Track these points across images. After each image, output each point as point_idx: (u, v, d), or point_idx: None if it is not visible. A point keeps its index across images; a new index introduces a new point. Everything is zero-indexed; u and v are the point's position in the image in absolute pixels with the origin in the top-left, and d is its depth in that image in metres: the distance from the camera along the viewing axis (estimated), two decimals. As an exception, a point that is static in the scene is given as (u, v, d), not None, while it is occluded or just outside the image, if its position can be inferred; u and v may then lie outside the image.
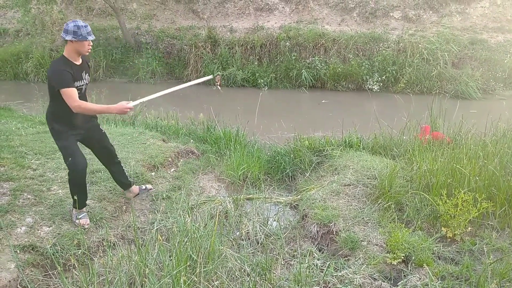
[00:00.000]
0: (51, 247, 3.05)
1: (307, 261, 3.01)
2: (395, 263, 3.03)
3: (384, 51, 11.57)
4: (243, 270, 2.92)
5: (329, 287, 2.85)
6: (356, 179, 4.39)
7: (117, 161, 3.89)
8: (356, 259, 3.13)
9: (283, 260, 3.27)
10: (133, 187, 4.09)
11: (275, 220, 3.96)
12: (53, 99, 3.28)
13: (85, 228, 3.43)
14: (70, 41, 3.16)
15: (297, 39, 12.37)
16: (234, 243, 3.49)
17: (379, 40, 11.93)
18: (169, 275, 2.54)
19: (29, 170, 4.25)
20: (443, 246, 3.29)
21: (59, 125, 3.34)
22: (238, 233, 3.68)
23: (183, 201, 4.03)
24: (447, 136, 5.16)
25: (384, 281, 2.90)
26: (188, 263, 2.68)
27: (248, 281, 2.76)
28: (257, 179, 5.02)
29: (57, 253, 3.03)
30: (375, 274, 2.97)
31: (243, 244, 3.45)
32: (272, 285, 2.81)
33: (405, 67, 11.26)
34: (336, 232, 3.50)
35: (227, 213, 3.98)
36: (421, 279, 2.87)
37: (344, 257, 3.22)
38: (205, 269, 2.74)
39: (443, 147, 4.69)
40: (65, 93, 3.11)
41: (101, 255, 3.05)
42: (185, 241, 2.93)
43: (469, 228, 3.40)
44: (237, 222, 3.85)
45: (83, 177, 3.42)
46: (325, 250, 3.49)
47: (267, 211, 4.09)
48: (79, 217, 3.46)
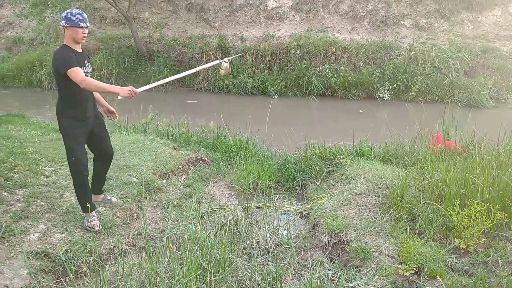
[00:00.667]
0: (63, 253, 3.07)
1: (318, 272, 2.99)
2: (408, 275, 2.99)
3: (395, 59, 11.53)
4: (253, 279, 2.92)
5: (340, 298, 2.83)
6: (367, 188, 4.36)
7: (108, 164, 3.86)
8: (367, 270, 3.10)
9: (294, 270, 3.26)
10: (101, 195, 4.00)
11: (285, 229, 3.94)
12: (62, 89, 3.32)
13: (95, 229, 3.45)
14: (65, 27, 3.24)
15: (307, 48, 12.39)
16: (244, 252, 3.49)
17: (390, 48, 11.90)
18: (180, 283, 2.54)
19: (42, 177, 4.30)
20: (456, 257, 3.24)
21: (69, 121, 3.36)
22: (248, 242, 3.67)
23: (194, 209, 4.05)
24: (459, 145, 5.11)
25: (396, 293, 2.87)
26: (198, 272, 2.67)
27: (258, 290, 2.75)
28: (267, 187, 5.01)
29: (69, 260, 3.05)
30: (387, 285, 2.93)
31: (253, 253, 3.45)
32: (282, 295, 2.80)
33: (416, 75, 11.19)
34: (347, 242, 3.47)
35: (237, 222, 3.98)
36: (434, 291, 2.83)
37: (355, 268, 3.19)
38: (215, 278, 2.74)
39: (456, 157, 4.64)
40: (71, 72, 3.13)
41: (113, 262, 3.06)
42: (196, 250, 2.94)
43: (483, 239, 3.35)
44: (248, 230, 3.85)
45: (84, 177, 3.44)
46: (336, 260, 3.46)
47: (277, 219, 4.09)
48: (90, 220, 3.50)
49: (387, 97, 11.17)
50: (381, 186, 4.39)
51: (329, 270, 3.24)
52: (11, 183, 3.99)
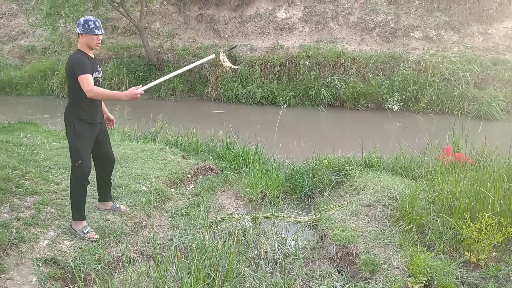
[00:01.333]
0: (72, 261, 3.09)
1: (326, 283, 2.97)
2: (417, 288, 2.96)
3: (404, 71, 11.52)
4: (261, 290, 2.90)
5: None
6: (376, 200, 4.33)
7: (109, 170, 3.88)
8: (376, 282, 3.07)
9: (302, 281, 3.23)
10: (109, 202, 4.00)
11: (293, 239, 3.92)
12: (75, 91, 3.36)
13: (96, 239, 3.43)
14: (80, 34, 3.36)
15: (316, 58, 12.44)
16: (252, 262, 3.47)
17: (399, 59, 11.90)
18: (188, 293, 2.54)
19: (52, 184, 4.34)
20: (466, 271, 3.19)
21: (81, 123, 3.40)
22: (256, 252, 3.66)
23: (202, 218, 4.05)
24: (469, 157, 5.07)
25: (405, 306, 2.83)
26: (206, 282, 2.67)
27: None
28: (275, 197, 5.00)
29: (78, 267, 3.06)
30: (396, 298, 2.90)
31: (261, 263, 3.43)
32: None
33: (426, 87, 11.17)
34: (355, 253, 3.45)
35: (245, 231, 3.96)
36: (444, 305, 2.79)
37: (364, 280, 3.16)
38: (223, 288, 2.73)
39: (466, 169, 4.60)
40: (83, 78, 3.24)
41: (121, 270, 3.07)
42: (204, 259, 2.93)
43: (494, 253, 3.30)
44: (256, 240, 3.83)
45: (85, 183, 3.45)
46: (344, 272, 3.43)
47: (285, 230, 4.06)
48: (85, 231, 3.46)
49: (396, 108, 11.14)
50: (390, 197, 4.36)
51: (338, 281, 3.21)
52: (22, 190, 4.03)
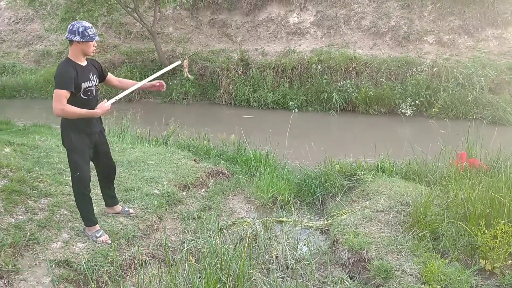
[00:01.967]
0: (85, 263, 3.11)
1: (338, 289, 2.94)
2: (431, 295, 2.92)
3: (417, 75, 11.42)
4: (272, 295, 2.89)
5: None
6: (389, 206, 4.29)
7: (112, 177, 3.82)
8: (389, 289, 3.03)
9: (313, 286, 3.21)
10: (118, 206, 4.00)
11: (305, 244, 3.90)
12: (69, 102, 3.22)
13: (109, 243, 3.44)
14: (76, 42, 3.17)
15: (328, 63, 12.41)
16: (263, 267, 3.46)
17: (412, 64, 11.80)
18: (199, 296, 2.54)
19: (66, 186, 4.39)
20: (481, 279, 3.14)
21: (76, 134, 3.31)
22: (267, 257, 3.65)
23: (213, 222, 4.06)
24: (484, 163, 4.99)
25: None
26: (218, 286, 2.67)
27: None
28: (287, 202, 4.99)
29: (90, 269, 3.08)
30: (409, 305, 2.86)
31: (273, 268, 3.42)
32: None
33: (440, 91, 11.05)
34: (368, 260, 3.41)
35: (256, 236, 3.96)
36: (458, 313, 2.75)
37: (377, 287, 3.13)
38: (234, 292, 2.72)
39: (481, 175, 4.53)
40: (56, 93, 3.08)
41: (133, 273, 3.08)
42: (215, 263, 2.93)
43: (510, 261, 3.24)
44: (267, 245, 3.82)
45: (87, 193, 3.42)
46: (356, 278, 3.40)
47: (297, 235, 4.05)
48: (97, 235, 3.48)
49: (409, 113, 11.04)
50: (403, 203, 4.32)
51: (350, 288, 3.18)
52: (36, 192, 4.09)
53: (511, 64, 11.47)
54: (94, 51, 3.31)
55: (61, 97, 3.09)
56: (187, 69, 3.89)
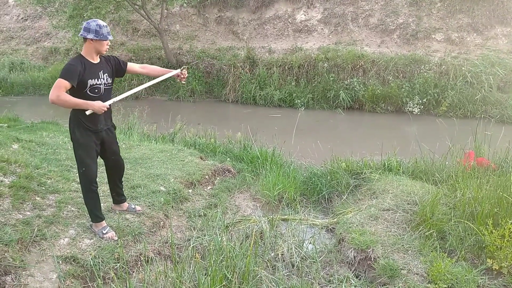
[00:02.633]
0: (92, 259, 3.13)
1: (343, 287, 2.93)
2: (437, 295, 2.90)
3: (425, 74, 11.34)
4: (278, 293, 2.88)
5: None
6: (395, 204, 4.27)
7: (119, 174, 3.83)
8: (395, 288, 3.02)
9: (319, 285, 3.21)
10: (124, 203, 4.02)
11: (310, 242, 3.90)
12: (75, 97, 3.28)
13: (115, 240, 3.47)
14: (90, 40, 3.21)
15: (335, 60, 12.36)
16: (268, 265, 3.46)
17: (420, 62, 11.71)
18: (205, 294, 2.55)
19: (73, 183, 4.42)
20: (488, 278, 3.12)
21: (80, 130, 3.33)
22: (273, 254, 3.65)
23: (219, 220, 4.06)
24: (492, 162, 4.95)
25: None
26: (223, 283, 2.67)
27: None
28: (292, 200, 4.98)
29: (97, 265, 3.11)
30: (415, 305, 2.85)
31: (278, 266, 3.42)
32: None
33: (448, 90, 10.96)
34: (374, 258, 3.40)
35: (262, 233, 3.96)
36: (465, 313, 2.73)
37: (382, 286, 3.12)
38: (239, 290, 2.73)
39: (489, 174, 4.49)
40: (57, 82, 3.12)
41: (139, 269, 3.10)
42: (221, 260, 2.94)
43: (518, 261, 3.22)
44: (272, 243, 3.82)
45: (93, 189, 3.44)
46: (362, 276, 3.39)
47: (302, 233, 4.04)
48: (104, 232, 3.50)
49: (416, 111, 10.97)
50: (410, 202, 4.29)
51: (355, 286, 3.17)
52: (44, 188, 4.12)
53: (520, 62, 11.35)
54: (106, 50, 3.35)
55: (60, 86, 3.14)
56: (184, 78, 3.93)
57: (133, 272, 3.23)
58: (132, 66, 3.68)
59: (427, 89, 11.11)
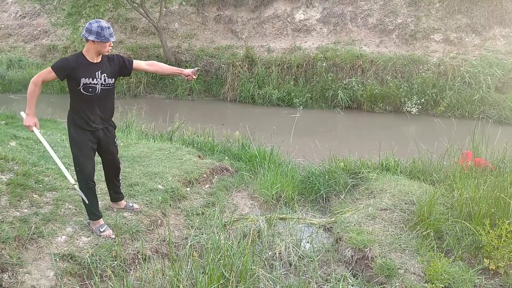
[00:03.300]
0: (89, 257, 3.13)
1: (341, 286, 2.94)
2: (434, 294, 2.91)
3: (424, 74, 11.36)
4: (275, 291, 2.89)
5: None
6: (393, 204, 4.28)
7: (115, 174, 3.81)
8: None
9: (316, 284, 3.21)
10: (122, 202, 4.01)
11: (308, 241, 3.90)
12: (70, 94, 3.34)
13: (113, 238, 3.46)
14: (92, 41, 3.19)
15: (334, 60, 12.36)
16: (266, 263, 3.46)
17: (418, 62, 11.73)
18: (202, 292, 2.55)
19: (71, 180, 4.41)
20: (485, 278, 3.13)
21: (75, 128, 3.35)
22: (270, 253, 3.65)
23: (217, 218, 4.06)
24: (490, 163, 4.96)
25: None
26: (220, 282, 2.67)
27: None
28: (290, 199, 4.99)
29: (94, 263, 3.10)
30: (412, 304, 2.86)
31: (275, 265, 3.42)
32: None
33: (446, 90, 10.98)
34: (371, 258, 3.41)
35: (259, 232, 3.96)
36: (461, 312, 2.74)
37: (379, 285, 3.13)
38: (237, 289, 2.73)
39: (486, 174, 4.50)
40: (46, 70, 3.21)
41: (136, 267, 3.09)
42: (218, 259, 2.94)
43: (514, 261, 3.23)
44: (270, 242, 3.82)
45: (90, 186, 3.43)
46: (359, 276, 3.39)
47: (300, 232, 4.04)
48: (101, 230, 3.50)
49: (415, 111, 10.99)
50: (407, 202, 4.30)
51: (352, 285, 3.18)
52: (41, 186, 4.11)
53: (518, 63, 11.37)
54: (109, 51, 3.33)
55: (45, 73, 3.23)
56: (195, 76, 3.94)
57: (131, 270, 3.23)
58: (138, 63, 3.63)
59: (425, 89, 11.13)
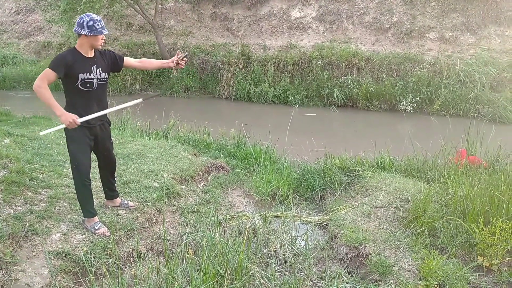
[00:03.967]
0: (83, 254, 3.12)
1: (335, 284, 2.95)
2: (428, 291, 2.93)
3: (419, 72, 11.39)
4: (270, 289, 2.89)
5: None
6: (388, 202, 4.29)
7: (111, 171, 3.80)
8: (387, 285, 3.04)
9: (311, 281, 3.22)
10: (117, 199, 3.99)
11: (303, 239, 3.91)
12: (65, 90, 3.31)
13: (107, 236, 3.45)
14: (84, 35, 3.17)
15: (330, 58, 12.37)
16: (261, 261, 3.47)
17: (414, 60, 11.77)
18: (197, 289, 2.55)
19: (65, 178, 4.39)
20: (479, 276, 3.16)
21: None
22: (265, 251, 3.65)
23: (212, 216, 4.06)
24: (484, 161, 4.99)
25: (415, 309, 2.80)
26: (215, 279, 2.67)
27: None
28: (286, 196, 4.99)
29: (89, 261, 3.09)
30: (406, 301, 2.87)
31: (271, 262, 3.42)
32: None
33: (441, 88, 11.02)
34: (366, 255, 3.42)
35: (255, 230, 3.96)
36: (455, 309, 2.76)
37: (374, 282, 3.14)
38: (232, 286, 2.73)
39: (480, 173, 4.53)
40: (44, 71, 3.15)
41: (131, 265, 3.09)
42: (213, 256, 2.94)
43: (507, 258, 3.25)
44: (265, 239, 3.83)
45: (86, 184, 3.41)
46: (354, 273, 3.41)
47: (295, 229, 4.05)
48: (96, 227, 3.48)
49: (410, 109, 11.03)
50: (402, 199, 4.32)
51: (347, 283, 3.19)
52: (35, 183, 4.09)
53: (513, 62, 11.42)
54: (102, 44, 3.31)
55: (45, 75, 3.16)
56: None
57: (125, 267, 3.22)
58: (128, 60, 3.63)
59: (420, 87, 11.17)
